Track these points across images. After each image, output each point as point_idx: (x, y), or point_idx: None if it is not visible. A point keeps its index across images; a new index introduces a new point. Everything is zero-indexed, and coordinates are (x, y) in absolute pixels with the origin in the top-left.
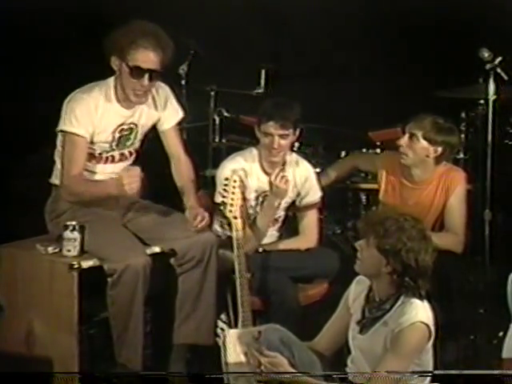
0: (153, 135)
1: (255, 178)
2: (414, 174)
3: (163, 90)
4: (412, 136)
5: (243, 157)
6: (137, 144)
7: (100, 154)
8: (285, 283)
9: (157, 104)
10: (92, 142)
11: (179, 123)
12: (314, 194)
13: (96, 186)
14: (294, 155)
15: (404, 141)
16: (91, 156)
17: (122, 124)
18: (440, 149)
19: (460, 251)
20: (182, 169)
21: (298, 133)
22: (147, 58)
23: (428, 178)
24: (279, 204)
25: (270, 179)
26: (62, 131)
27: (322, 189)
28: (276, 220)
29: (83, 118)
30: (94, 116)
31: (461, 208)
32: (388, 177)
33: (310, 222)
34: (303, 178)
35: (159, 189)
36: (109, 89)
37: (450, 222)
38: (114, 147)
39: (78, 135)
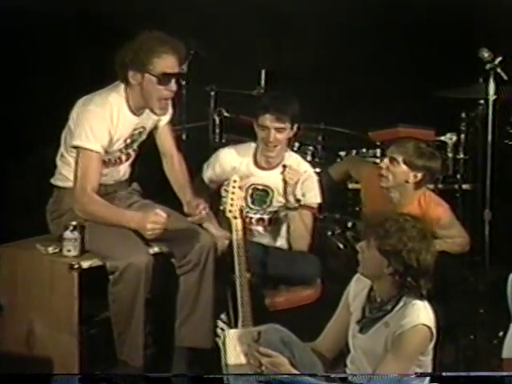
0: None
1: (245, 168)
2: (393, 196)
3: None
4: (392, 160)
5: (239, 149)
6: (137, 145)
7: (109, 157)
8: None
9: None
10: (106, 152)
11: (171, 120)
12: (312, 198)
13: (112, 213)
14: (297, 156)
15: (384, 164)
16: (102, 162)
17: (133, 130)
18: (420, 174)
19: (466, 250)
20: (176, 167)
21: (295, 128)
22: (171, 63)
23: (407, 203)
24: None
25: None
26: (79, 147)
27: (323, 195)
28: (269, 219)
29: (100, 132)
30: (111, 127)
31: (453, 227)
32: (368, 193)
33: (302, 224)
34: (300, 181)
35: (159, 187)
36: (121, 99)
37: (450, 238)
38: (123, 150)
39: (93, 151)
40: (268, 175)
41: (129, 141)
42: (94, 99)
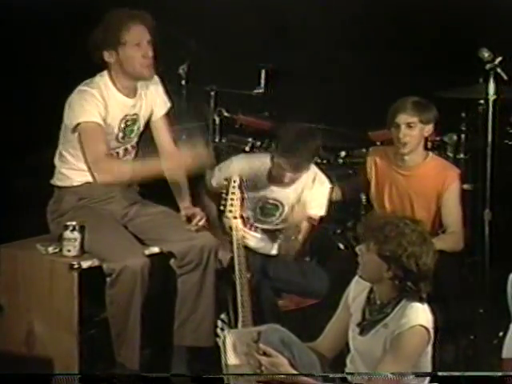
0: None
1: (258, 183)
2: (409, 159)
3: (154, 80)
4: (410, 124)
5: (255, 162)
6: (136, 138)
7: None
8: (264, 289)
9: (152, 92)
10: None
11: (167, 114)
12: (316, 209)
13: (142, 165)
14: (314, 169)
15: (403, 133)
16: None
17: (126, 115)
18: (431, 125)
19: (460, 248)
20: (172, 163)
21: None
22: (140, 32)
23: (420, 162)
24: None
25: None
26: (78, 124)
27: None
28: (276, 229)
29: (92, 106)
30: (102, 106)
31: (456, 205)
32: (377, 167)
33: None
34: (313, 191)
35: (159, 187)
36: (105, 79)
37: (447, 219)
38: (120, 140)
39: (94, 122)
40: (281, 191)
41: (123, 126)
42: (82, 84)
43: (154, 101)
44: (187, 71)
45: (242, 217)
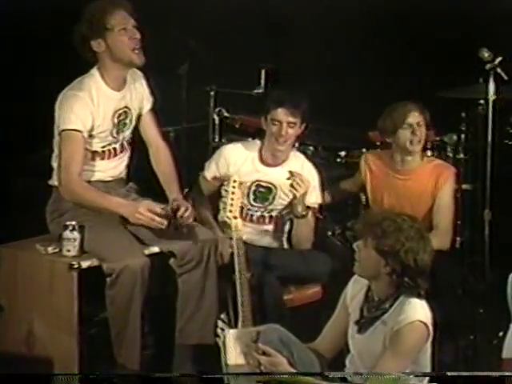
0: None
1: (250, 164)
2: (411, 160)
3: (138, 75)
4: (419, 123)
5: (244, 145)
6: (130, 132)
7: (103, 149)
8: (269, 281)
9: (139, 86)
10: (93, 136)
11: (153, 109)
12: (312, 198)
13: (100, 196)
14: (301, 156)
15: (420, 131)
16: (95, 153)
17: (118, 109)
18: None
19: (446, 248)
20: (161, 156)
21: (303, 127)
22: (124, 16)
23: (417, 165)
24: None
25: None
26: (63, 131)
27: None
28: (270, 217)
29: (82, 113)
30: (93, 108)
31: (447, 204)
32: (373, 173)
33: (308, 227)
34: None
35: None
36: (95, 77)
37: (437, 217)
38: (115, 135)
39: (75, 130)
40: (273, 172)
41: (116, 120)
42: (72, 86)
43: (142, 94)
44: (187, 71)
45: (242, 217)
